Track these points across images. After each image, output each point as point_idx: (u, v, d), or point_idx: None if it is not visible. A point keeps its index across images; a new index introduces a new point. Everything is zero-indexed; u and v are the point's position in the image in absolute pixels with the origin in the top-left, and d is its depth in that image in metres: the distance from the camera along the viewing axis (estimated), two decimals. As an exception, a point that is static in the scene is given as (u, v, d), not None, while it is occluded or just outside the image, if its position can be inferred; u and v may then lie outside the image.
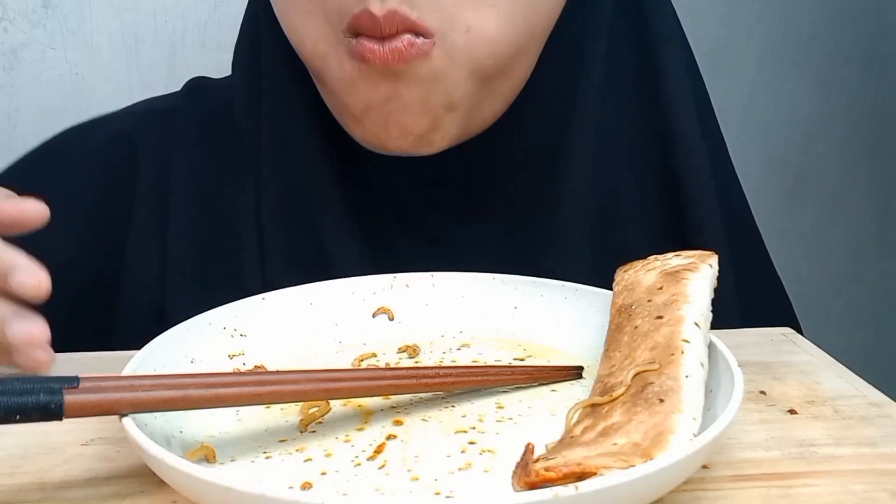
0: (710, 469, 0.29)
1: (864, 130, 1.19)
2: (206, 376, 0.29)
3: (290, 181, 0.49)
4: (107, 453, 0.31)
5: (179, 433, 0.30)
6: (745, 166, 0.53)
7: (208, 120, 0.53)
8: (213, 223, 0.50)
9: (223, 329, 0.37)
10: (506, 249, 0.48)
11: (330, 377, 0.31)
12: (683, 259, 0.36)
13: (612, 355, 0.32)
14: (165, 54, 1.01)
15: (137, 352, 0.32)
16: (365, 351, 0.39)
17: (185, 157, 0.51)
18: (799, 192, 1.20)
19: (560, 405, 0.33)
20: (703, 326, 0.31)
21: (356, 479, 0.28)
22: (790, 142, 1.18)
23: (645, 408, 0.27)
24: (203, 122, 0.53)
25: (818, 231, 1.22)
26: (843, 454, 0.30)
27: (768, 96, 1.15)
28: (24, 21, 0.97)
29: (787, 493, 0.27)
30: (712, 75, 0.49)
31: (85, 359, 0.40)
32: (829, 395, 0.35)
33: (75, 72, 0.99)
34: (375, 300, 0.42)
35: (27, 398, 0.25)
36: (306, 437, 0.31)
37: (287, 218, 0.49)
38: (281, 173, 0.49)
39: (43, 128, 0.86)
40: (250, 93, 0.51)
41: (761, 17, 1.12)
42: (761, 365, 0.38)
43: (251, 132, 0.50)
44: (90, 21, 0.99)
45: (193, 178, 0.51)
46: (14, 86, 0.98)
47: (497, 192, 0.49)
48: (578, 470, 0.23)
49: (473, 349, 0.40)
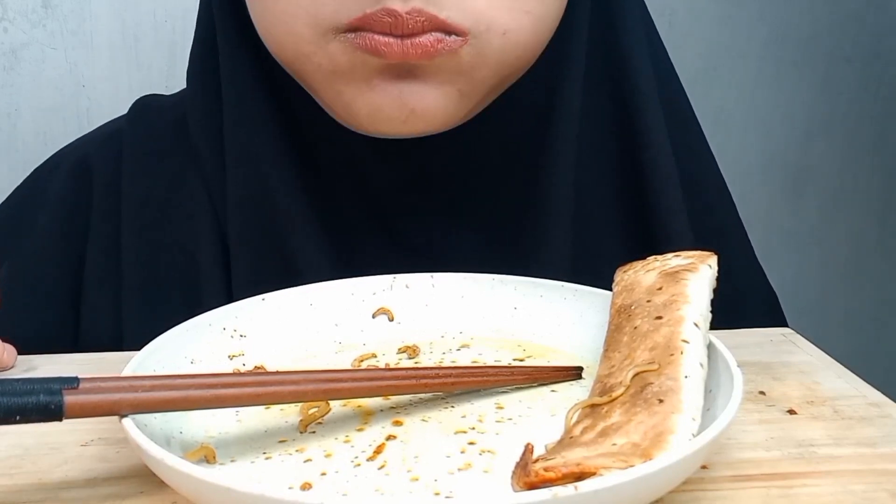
0: (709, 469, 0.29)
1: (865, 130, 1.19)
2: (206, 377, 0.29)
3: (255, 196, 0.47)
4: (106, 454, 0.31)
5: (179, 433, 0.30)
6: (745, 166, 0.53)
7: (156, 140, 0.51)
8: (167, 247, 0.49)
9: (223, 330, 0.37)
10: (487, 255, 0.46)
11: (330, 378, 0.31)
12: (683, 259, 0.36)
13: (612, 356, 0.32)
14: (165, 54, 1.01)
15: (137, 352, 0.32)
16: (365, 351, 0.39)
17: (133, 183, 0.50)
18: (799, 192, 1.20)
19: (560, 405, 0.33)
20: (703, 327, 0.31)
21: (356, 480, 0.28)
22: (790, 142, 1.18)
23: (644, 408, 0.27)
24: (150, 143, 0.51)
25: (818, 231, 1.22)
26: (842, 454, 0.30)
27: (768, 96, 1.15)
28: (24, 21, 0.97)
29: (787, 494, 0.28)
30: (712, 75, 0.49)
31: (85, 359, 0.40)
32: (828, 395, 0.35)
33: (75, 72, 0.99)
34: (375, 301, 0.42)
35: (27, 398, 0.25)
36: (306, 438, 0.31)
37: (255, 235, 0.47)
38: (245, 188, 0.47)
39: (43, 128, 0.86)
40: (207, 105, 0.49)
41: (761, 17, 1.11)
42: (761, 365, 0.38)
43: (208, 146, 0.49)
44: (90, 21, 0.99)
45: (142, 204, 0.49)
46: (14, 86, 0.99)
47: (478, 197, 0.48)
48: (578, 470, 0.23)
49: (473, 349, 0.40)
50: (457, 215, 0.48)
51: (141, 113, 0.53)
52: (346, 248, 0.48)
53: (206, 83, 0.49)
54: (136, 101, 0.54)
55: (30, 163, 0.55)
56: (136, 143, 0.52)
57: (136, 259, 0.48)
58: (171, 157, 0.51)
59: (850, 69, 1.16)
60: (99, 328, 0.49)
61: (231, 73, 0.48)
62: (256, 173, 0.47)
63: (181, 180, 0.50)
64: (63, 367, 0.39)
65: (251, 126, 0.47)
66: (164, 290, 0.48)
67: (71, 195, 0.51)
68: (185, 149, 0.50)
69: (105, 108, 1.00)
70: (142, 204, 0.50)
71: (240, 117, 0.48)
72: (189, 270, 0.48)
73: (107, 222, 0.50)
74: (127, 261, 0.48)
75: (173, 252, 0.49)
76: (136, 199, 0.50)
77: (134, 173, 0.50)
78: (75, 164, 0.52)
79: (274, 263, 0.47)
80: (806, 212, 1.21)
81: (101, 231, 0.50)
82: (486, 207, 0.48)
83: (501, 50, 0.40)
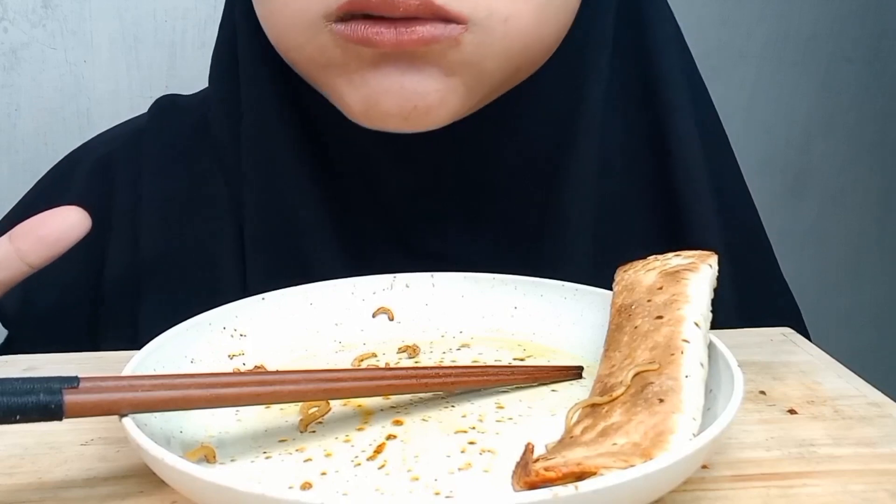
0: (710, 469, 0.29)
1: (865, 130, 1.20)
2: (206, 376, 0.29)
3: (271, 201, 0.47)
4: (106, 453, 0.31)
5: (179, 433, 0.30)
6: (746, 166, 0.53)
7: (177, 140, 0.51)
8: (187, 246, 0.49)
9: (223, 329, 0.37)
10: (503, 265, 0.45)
11: (330, 377, 0.31)
12: (683, 259, 0.36)
13: (612, 355, 0.32)
14: (165, 54, 1.01)
15: (137, 352, 0.32)
16: (365, 351, 0.39)
17: (154, 182, 0.50)
18: (799, 192, 1.20)
19: (560, 405, 0.33)
20: (703, 326, 0.31)
21: (356, 479, 0.28)
22: (790, 142, 1.18)
23: (645, 408, 0.27)
24: (172, 144, 0.51)
25: (818, 231, 1.22)
26: (842, 454, 0.30)
27: (768, 96, 1.15)
28: (24, 21, 0.97)
29: (787, 493, 0.28)
30: (712, 75, 0.49)
31: (85, 359, 0.40)
32: (829, 395, 0.35)
33: (75, 72, 0.99)
34: (375, 300, 0.42)
35: (27, 398, 0.25)
36: (306, 437, 0.31)
37: (270, 239, 0.47)
38: (261, 192, 0.47)
39: (43, 128, 0.86)
40: (228, 107, 0.49)
41: (761, 17, 1.12)
42: (761, 365, 0.38)
43: (230, 147, 0.49)
44: (90, 21, 0.99)
45: (163, 203, 0.49)
46: (14, 86, 0.99)
47: (495, 204, 0.47)
48: (578, 470, 0.23)
49: (473, 349, 0.40)
50: (473, 222, 0.47)
51: (163, 113, 0.53)
52: (360, 255, 0.47)
53: (227, 85, 0.49)
54: (157, 100, 0.54)
55: (30, 163, 0.56)
56: (158, 142, 0.51)
57: (155, 258, 0.48)
58: (193, 158, 0.50)
59: (850, 69, 1.16)
60: (118, 326, 0.48)
61: (250, 76, 0.47)
62: (272, 178, 0.47)
63: (203, 180, 0.50)
64: (63, 366, 0.39)
65: (268, 130, 0.47)
66: (183, 289, 0.48)
67: (92, 193, 0.51)
68: (207, 149, 0.50)
69: (105, 108, 1.00)
70: (163, 203, 0.49)
71: (257, 121, 0.47)
72: (209, 270, 0.48)
73: (128, 221, 0.49)
74: (146, 260, 0.48)
75: (194, 252, 0.48)
76: (157, 198, 0.49)
77: (155, 173, 0.50)
78: (97, 162, 0.52)
79: (288, 268, 0.46)
80: (806, 212, 1.21)
81: (121, 230, 0.49)
82: (503, 214, 0.47)
83: (504, 37, 0.38)
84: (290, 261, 0.46)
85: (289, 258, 0.47)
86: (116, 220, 0.50)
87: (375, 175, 0.47)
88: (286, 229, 0.47)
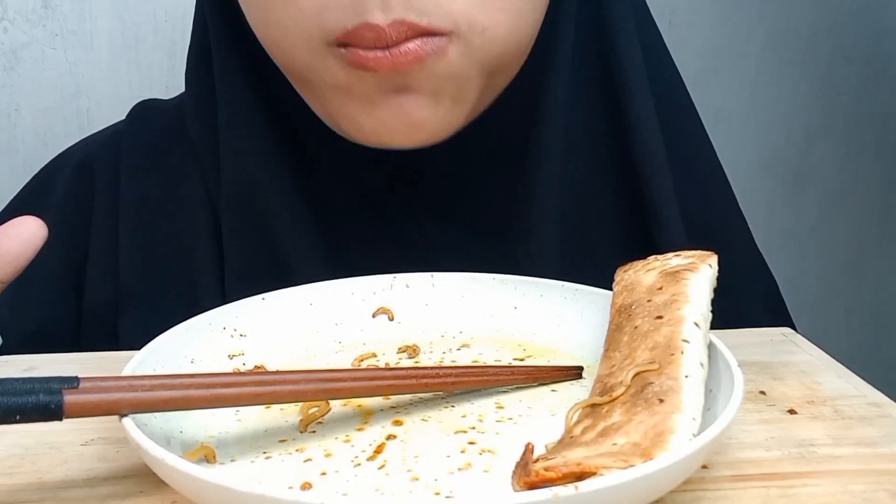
0: (709, 469, 0.29)
1: (865, 130, 1.19)
2: (206, 376, 0.29)
3: (246, 192, 0.48)
4: (106, 453, 0.31)
5: (179, 433, 0.30)
6: (745, 166, 0.53)
7: (154, 141, 0.52)
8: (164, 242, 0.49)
9: (223, 329, 0.37)
10: (477, 250, 0.47)
11: (330, 377, 0.31)
12: (683, 259, 0.36)
13: (612, 355, 0.32)
14: (165, 54, 1.01)
15: (137, 352, 0.32)
16: (365, 351, 0.39)
17: (131, 183, 0.51)
18: (799, 192, 1.20)
19: (560, 405, 0.33)
20: (703, 326, 0.31)
21: (356, 479, 0.28)
22: (790, 142, 1.18)
23: (645, 408, 0.27)
24: (149, 144, 0.52)
25: (818, 231, 1.21)
26: (842, 454, 0.30)
27: (768, 96, 1.15)
28: (24, 21, 0.97)
29: (787, 493, 0.28)
30: (712, 75, 0.49)
31: (85, 359, 0.40)
32: (828, 395, 0.35)
33: (75, 72, 0.99)
34: (375, 300, 0.42)
35: (27, 398, 0.25)
36: (306, 438, 0.31)
37: (246, 231, 0.48)
38: (236, 184, 0.48)
39: (43, 128, 0.87)
40: (203, 105, 0.50)
41: (761, 17, 1.11)
42: (761, 365, 0.38)
43: (205, 144, 0.50)
44: (90, 21, 0.98)
45: (140, 201, 0.50)
46: (14, 86, 0.98)
47: (469, 193, 0.49)
48: (578, 470, 0.23)
49: (473, 349, 0.40)
50: (448, 211, 0.49)
51: (139, 115, 0.54)
52: (336, 244, 0.48)
53: (201, 83, 0.50)
54: (137, 103, 0.55)
55: (30, 163, 0.56)
56: (135, 143, 0.52)
57: (133, 255, 0.49)
58: (169, 156, 0.52)
59: (850, 69, 1.16)
60: (99, 323, 0.49)
61: (223, 73, 0.49)
62: (247, 170, 0.48)
63: (179, 178, 0.51)
64: (63, 366, 0.39)
65: (242, 124, 0.48)
66: (161, 284, 0.49)
67: (74, 194, 0.52)
68: (184, 147, 0.51)
69: (105, 108, 1.00)
70: (139, 201, 0.50)
71: (231, 116, 0.48)
72: (186, 265, 0.49)
73: (107, 220, 0.51)
74: (125, 257, 0.49)
75: (171, 247, 0.49)
76: (134, 196, 0.51)
77: (131, 172, 0.51)
78: (78, 164, 0.53)
79: (265, 259, 0.47)
80: (806, 212, 1.21)
81: (101, 229, 0.51)
82: (476, 203, 0.49)
83: (482, 47, 0.41)
84: (267, 252, 0.47)
85: (265, 250, 0.47)
86: (97, 221, 0.51)
87: (351, 167, 0.48)
88: (261, 218, 0.48)
